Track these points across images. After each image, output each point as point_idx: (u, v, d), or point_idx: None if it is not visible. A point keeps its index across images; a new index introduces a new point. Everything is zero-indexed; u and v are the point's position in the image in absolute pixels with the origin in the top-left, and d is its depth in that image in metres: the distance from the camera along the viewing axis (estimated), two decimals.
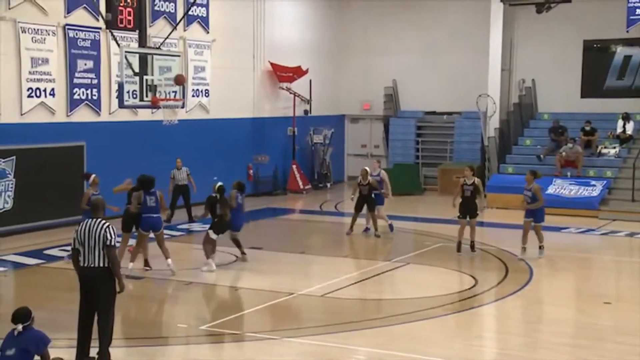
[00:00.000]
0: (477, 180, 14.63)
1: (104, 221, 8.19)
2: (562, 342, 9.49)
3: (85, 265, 8.09)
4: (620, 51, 23.09)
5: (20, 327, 6.83)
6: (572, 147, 20.98)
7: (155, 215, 12.48)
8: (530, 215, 14.07)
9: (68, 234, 15.71)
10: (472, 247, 14.39)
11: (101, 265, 8.04)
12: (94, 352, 8.21)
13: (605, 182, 20.15)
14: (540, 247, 14.18)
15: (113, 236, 8.10)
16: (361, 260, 13.97)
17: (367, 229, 16.43)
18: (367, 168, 16.38)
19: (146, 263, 12.79)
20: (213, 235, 12.73)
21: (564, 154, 21.00)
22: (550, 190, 20.03)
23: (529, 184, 14.06)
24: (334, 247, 15.78)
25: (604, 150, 21.52)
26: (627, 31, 20.37)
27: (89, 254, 8.05)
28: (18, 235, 15.58)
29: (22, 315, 6.92)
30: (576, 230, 17.42)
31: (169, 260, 12.49)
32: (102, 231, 8.05)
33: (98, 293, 8.08)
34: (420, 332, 9.80)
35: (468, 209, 14.41)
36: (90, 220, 8.22)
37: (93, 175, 13.23)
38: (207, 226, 13.09)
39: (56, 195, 16.43)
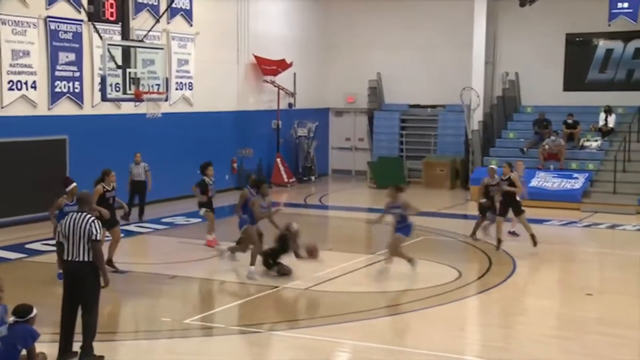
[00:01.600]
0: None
1: (89, 215, 8.12)
2: (545, 333, 9.54)
3: (70, 259, 8.04)
4: (602, 45, 23.24)
5: (11, 319, 6.80)
6: (554, 139, 21.11)
7: None
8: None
9: (49, 228, 15.61)
10: None
11: (86, 259, 7.99)
12: (77, 346, 8.17)
13: (587, 174, 20.30)
14: (411, 261, 12.13)
15: (98, 231, 8.05)
16: (345, 254, 13.98)
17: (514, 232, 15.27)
18: (493, 166, 15.07)
19: None
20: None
21: (546, 147, 21.11)
22: (534, 183, 20.15)
23: (395, 200, 12.21)
24: (318, 241, 15.69)
25: (586, 143, 21.66)
26: (609, 25, 20.44)
27: (74, 248, 8.00)
28: None
29: (19, 311, 6.92)
30: (559, 223, 17.52)
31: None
32: (88, 225, 7.99)
33: (82, 287, 8.04)
34: (404, 324, 9.83)
35: None
36: (75, 214, 8.15)
37: (74, 184, 11.74)
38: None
39: (38, 189, 16.30)
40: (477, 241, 14.74)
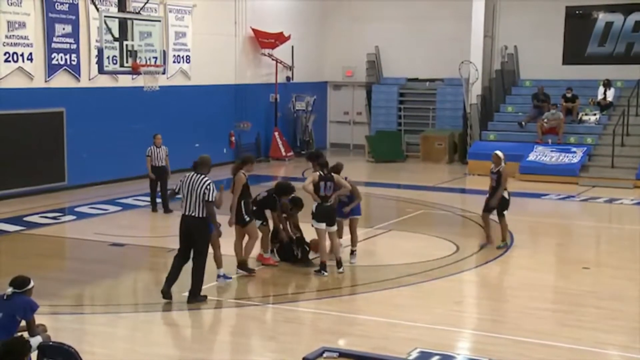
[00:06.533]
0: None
1: (205, 177, 9.31)
2: (542, 307, 9.60)
3: (187, 213, 9.35)
4: (602, 17, 23.09)
5: (9, 290, 6.81)
6: (553, 113, 21.07)
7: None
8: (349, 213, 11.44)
9: (47, 201, 15.74)
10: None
11: (198, 215, 9.26)
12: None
13: (585, 148, 20.29)
14: (353, 252, 11.43)
15: (212, 192, 9.19)
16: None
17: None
18: (498, 153, 12.30)
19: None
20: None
21: (545, 120, 21.08)
22: (531, 157, 20.17)
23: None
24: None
25: (585, 117, 21.62)
26: None
27: (190, 205, 9.27)
28: None
29: (17, 282, 6.90)
30: (556, 197, 17.54)
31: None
32: (204, 187, 9.20)
33: (195, 238, 9.33)
34: (401, 298, 9.87)
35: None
36: (193, 174, 9.38)
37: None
38: None
39: (35, 162, 16.30)
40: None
